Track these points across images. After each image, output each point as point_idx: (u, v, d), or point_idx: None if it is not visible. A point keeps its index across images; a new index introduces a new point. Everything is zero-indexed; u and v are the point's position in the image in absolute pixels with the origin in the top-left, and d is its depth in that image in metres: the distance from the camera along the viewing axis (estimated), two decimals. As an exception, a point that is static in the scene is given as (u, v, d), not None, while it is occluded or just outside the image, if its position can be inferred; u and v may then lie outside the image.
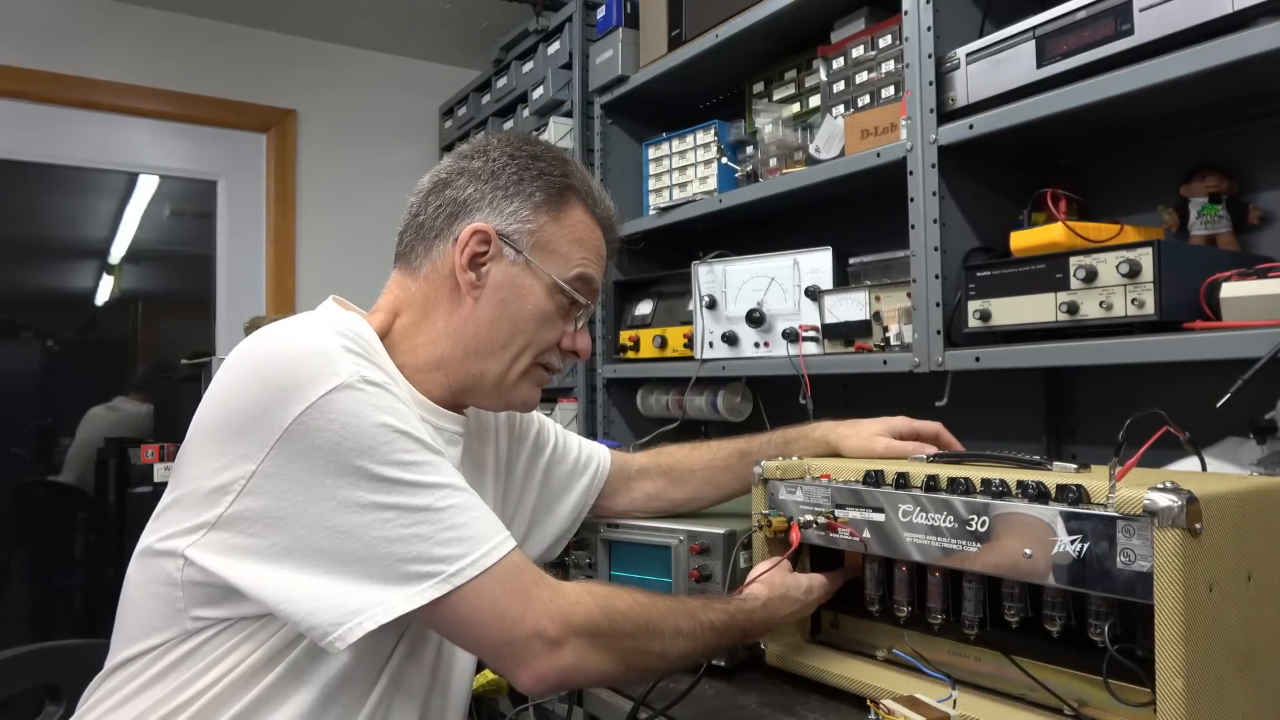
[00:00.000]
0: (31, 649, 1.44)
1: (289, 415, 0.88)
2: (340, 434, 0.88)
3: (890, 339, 1.57)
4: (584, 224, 1.13)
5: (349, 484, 0.88)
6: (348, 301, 1.12)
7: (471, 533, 0.91)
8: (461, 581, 0.88)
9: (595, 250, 1.14)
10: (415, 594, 0.87)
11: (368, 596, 0.86)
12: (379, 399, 0.92)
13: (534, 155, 1.12)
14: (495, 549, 0.91)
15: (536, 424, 1.33)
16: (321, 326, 0.98)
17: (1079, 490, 0.87)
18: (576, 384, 2.42)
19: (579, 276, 1.11)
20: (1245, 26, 1.07)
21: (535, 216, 1.09)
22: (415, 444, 0.92)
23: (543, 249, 1.10)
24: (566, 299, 1.11)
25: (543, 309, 1.09)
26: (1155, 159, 1.49)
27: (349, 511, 0.88)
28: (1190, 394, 1.20)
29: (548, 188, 1.11)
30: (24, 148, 2.98)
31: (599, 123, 2.37)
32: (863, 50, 1.71)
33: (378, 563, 0.87)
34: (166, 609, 0.93)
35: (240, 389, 0.93)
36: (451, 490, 0.93)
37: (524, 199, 1.09)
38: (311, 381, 0.90)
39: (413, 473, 0.91)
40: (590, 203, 1.15)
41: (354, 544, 0.88)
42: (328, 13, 3.20)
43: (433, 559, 0.88)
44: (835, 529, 1.11)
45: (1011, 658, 1.01)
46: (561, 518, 1.31)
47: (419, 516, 0.89)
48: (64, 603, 3.12)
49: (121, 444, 2.72)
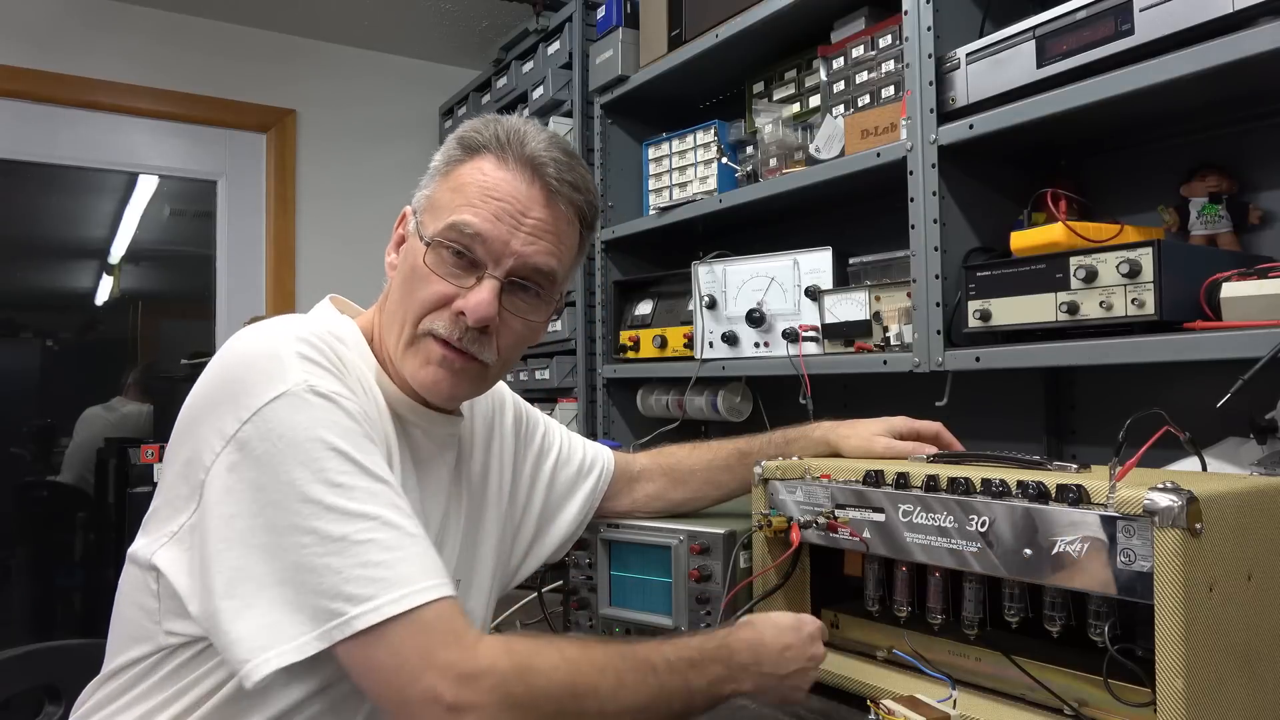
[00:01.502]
0: (31, 649, 1.44)
1: (239, 421, 0.85)
2: (278, 446, 0.84)
3: (890, 339, 1.57)
4: (475, 170, 1.01)
5: (279, 500, 0.83)
6: (348, 301, 1.11)
7: (386, 574, 0.83)
8: (362, 627, 0.81)
9: (480, 192, 1.00)
10: (321, 633, 0.81)
11: (279, 629, 0.81)
12: (322, 412, 0.87)
13: (468, 128, 1.05)
14: (408, 596, 0.82)
15: (542, 427, 1.32)
16: (285, 330, 0.93)
17: (1079, 490, 0.87)
18: (576, 384, 2.42)
19: (449, 225, 0.99)
20: (1245, 26, 1.07)
21: (431, 181, 1.05)
22: (350, 465, 0.86)
23: (430, 210, 1.03)
24: (445, 253, 0.99)
25: (415, 266, 1.00)
26: (1155, 159, 1.49)
27: (272, 531, 0.83)
28: (1190, 394, 1.20)
29: (450, 149, 1.04)
30: (24, 148, 2.98)
31: (599, 123, 2.37)
32: (863, 50, 1.71)
33: (293, 589, 0.82)
34: (145, 620, 0.92)
35: (200, 393, 0.91)
36: (378, 524, 0.85)
37: (432, 172, 1.06)
38: (257, 388, 0.86)
39: (339, 496, 0.84)
40: (500, 149, 1.01)
41: (273, 565, 0.83)
42: (328, 13, 3.20)
43: (339, 595, 0.81)
44: (835, 529, 1.11)
45: (1011, 658, 1.01)
46: (567, 522, 1.30)
47: (335, 546, 0.83)
48: (64, 603, 3.12)
49: (121, 444, 2.72)
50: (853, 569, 1.23)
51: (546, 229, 1.02)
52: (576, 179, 1.04)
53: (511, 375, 2.65)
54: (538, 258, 1.01)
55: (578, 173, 1.05)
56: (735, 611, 1.22)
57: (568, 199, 1.03)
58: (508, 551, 1.22)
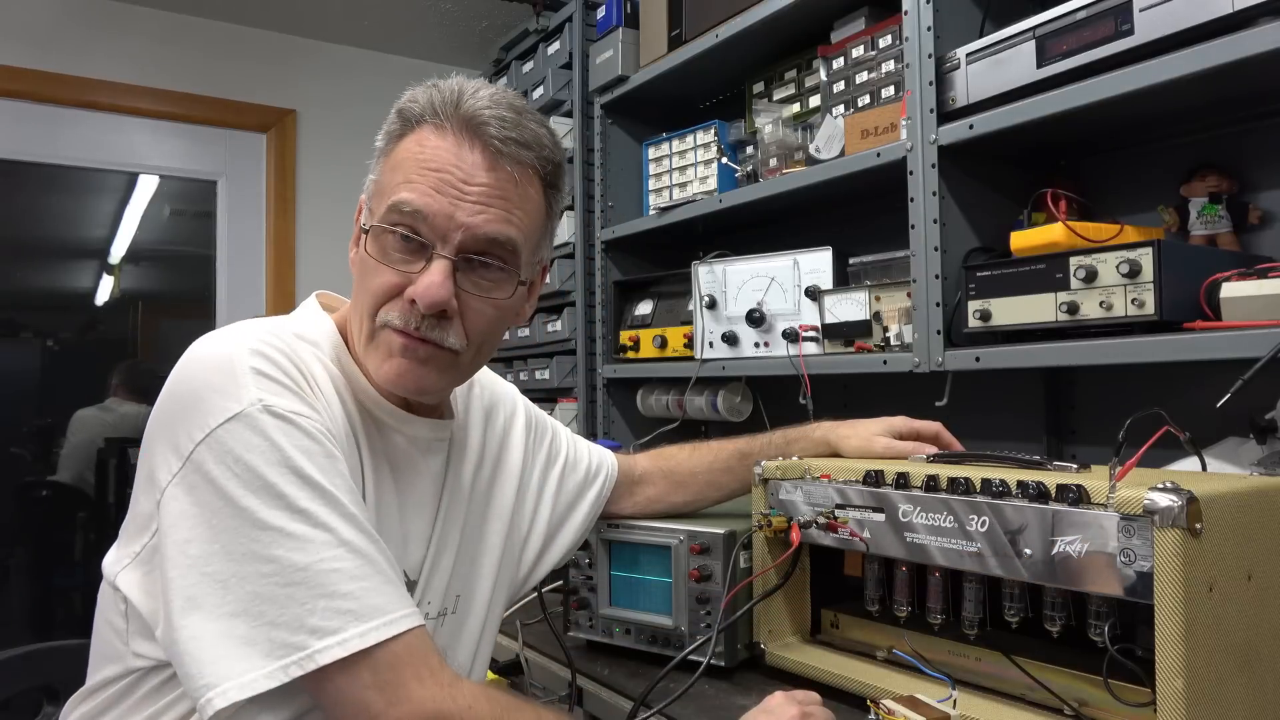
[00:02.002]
0: (31, 649, 1.44)
1: (193, 441, 0.82)
2: (233, 470, 0.81)
3: (890, 339, 1.57)
4: (413, 143, 0.93)
5: (234, 527, 0.80)
6: (337, 296, 1.08)
7: (352, 605, 0.79)
8: (326, 661, 0.78)
9: (417, 165, 0.92)
10: (278, 668, 0.77)
11: (236, 661, 0.77)
12: (278, 433, 0.82)
13: (406, 97, 0.97)
14: (377, 629, 0.80)
15: (550, 433, 1.30)
16: (242, 342, 0.88)
17: (1079, 490, 0.87)
18: (576, 384, 2.42)
19: (389, 207, 0.92)
20: (1245, 26, 1.07)
21: (375, 165, 0.97)
22: (309, 489, 0.82)
23: (376, 195, 0.96)
24: (390, 239, 0.92)
25: (362, 259, 0.94)
26: (1155, 159, 1.49)
27: (229, 559, 0.79)
28: (1190, 394, 1.20)
29: (390, 125, 0.96)
30: (24, 148, 2.98)
31: (599, 123, 2.37)
32: (863, 50, 1.71)
33: (251, 620, 0.78)
34: (115, 639, 0.90)
35: (160, 405, 0.88)
36: (344, 552, 0.81)
37: (377, 153, 0.97)
38: (211, 406, 0.83)
39: (300, 523, 0.80)
40: (435, 115, 0.93)
41: (230, 595, 0.79)
42: (328, 13, 3.20)
43: (303, 628, 0.78)
44: (835, 529, 1.11)
45: (1011, 658, 1.01)
46: (574, 528, 1.29)
47: (297, 576, 0.79)
48: (64, 603, 3.13)
49: (121, 444, 2.72)
50: (853, 569, 1.23)
51: (494, 194, 0.92)
52: (525, 135, 0.93)
53: (511, 375, 2.65)
54: (488, 227, 0.91)
55: (527, 129, 0.94)
56: (735, 611, 1.22)
57: (515, 159, 0.93)
58: (515, 561, 1.19)
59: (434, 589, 1.03)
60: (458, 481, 1.09)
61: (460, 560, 1.08)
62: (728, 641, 1.24)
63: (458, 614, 1.07)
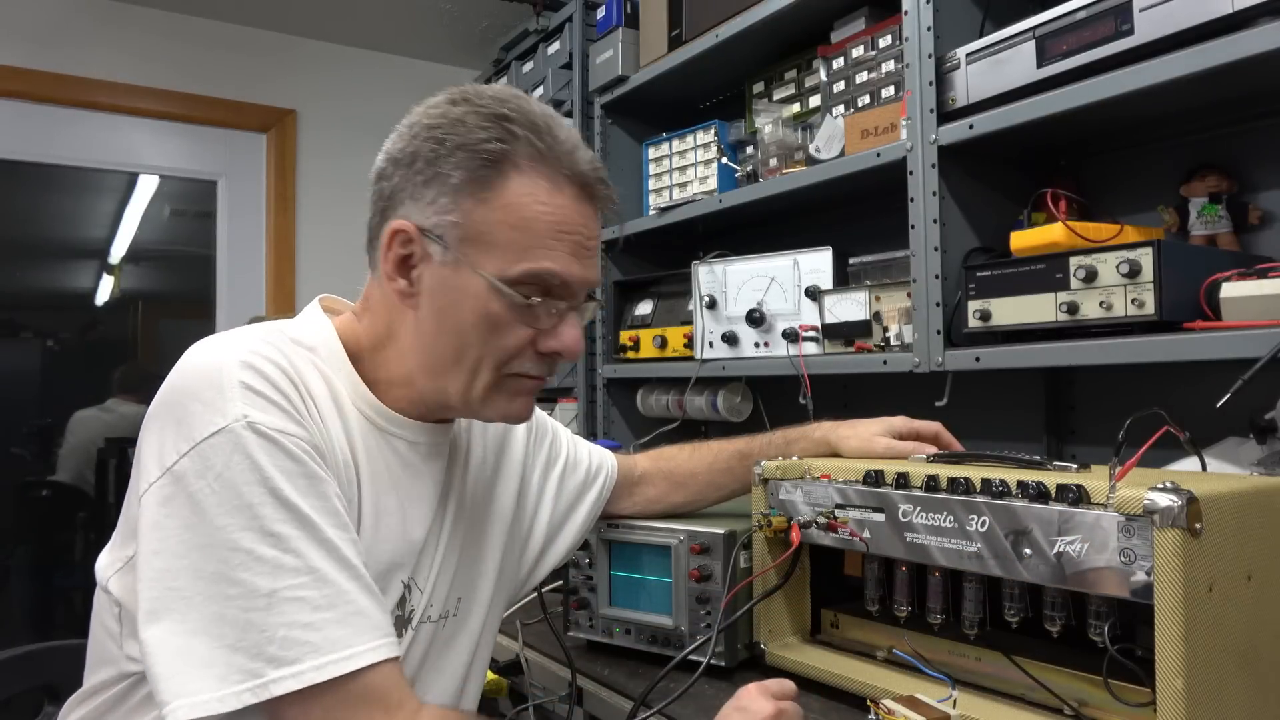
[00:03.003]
0: (31, 649, 1.44)
1: (176, 453, 0.81)
2: (212, 487, 0.79)
3: (890, 339, 1.57)
4: (529, 198, 0.89)
5: (206, 545, 0.79)
6: (340, 300, 1.07)
7: (312, 637, 0.78)
8: (280, 692, 0.76)
9: (551, 229, 0.90)
10: (232, 694, 0.76)
11: (190, 680, 0.76)
12: (260, 453, 0.81)
13: (457, 120, 0.90)
14: (336, 663, 0.78)
15: (550, 434, 1.29)
16: (234, 353, 0.86)
17: (1079, 490, 0.87)
18: (576, 384, 2.42)
19: (529, 273, 0.90)
20: (1245, 26, 1.07)
21: (458, 203, 0.89)
22: (286, 513, 0.80)
23: (474, 242, 0.90)
24: (514, 299, 0.91)
25: (484, 315, 0.91)
26: (1155, 159, 1.50)
27: (196, 576, 0.78)
28: (1190, 394, 1.20)
29: (469, 161, 0.89)
30: (24, 148, 2.98)
31: (599, 123, 2.37)
32: (863, 50, 1.71)
33: (213, 640, 0.77)
34: (109, 641, 0.90)
35: (151, 411, 0.87)
36: (311, 580, 0.79)
37: (442, 182, 0.90)
38: (197, 419, 0.82)
39: (270, 546, 0.79)
40: (542, 164, 0.90)
41: (191, 614, 0.77)
42: (328, 13, 3.20)
43: (260, 655, 0.77)
44: (835, 529, 1.11)
45: (1011, 658, 1.01)
46: (574, 529, 1.28)
47: (260, 601, 0.77)
48: (64, 603, 3.13)
49: (121, 444, 2.73)
50: (853, 569, 1.23)
51: (598, 242, 0.97)
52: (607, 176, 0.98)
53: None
54: (597, 275, 0.97)
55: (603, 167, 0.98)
56: (735, 611, 1.22)
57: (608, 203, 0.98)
58: (515, 562, 1.19)
59: (436, 592, 1.03)
60: (459, 484, 1.09)
61: (462, 563, 1.07)
62: (728, 641, 1.24)
63: (459, 616, 1.07)
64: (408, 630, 0.99)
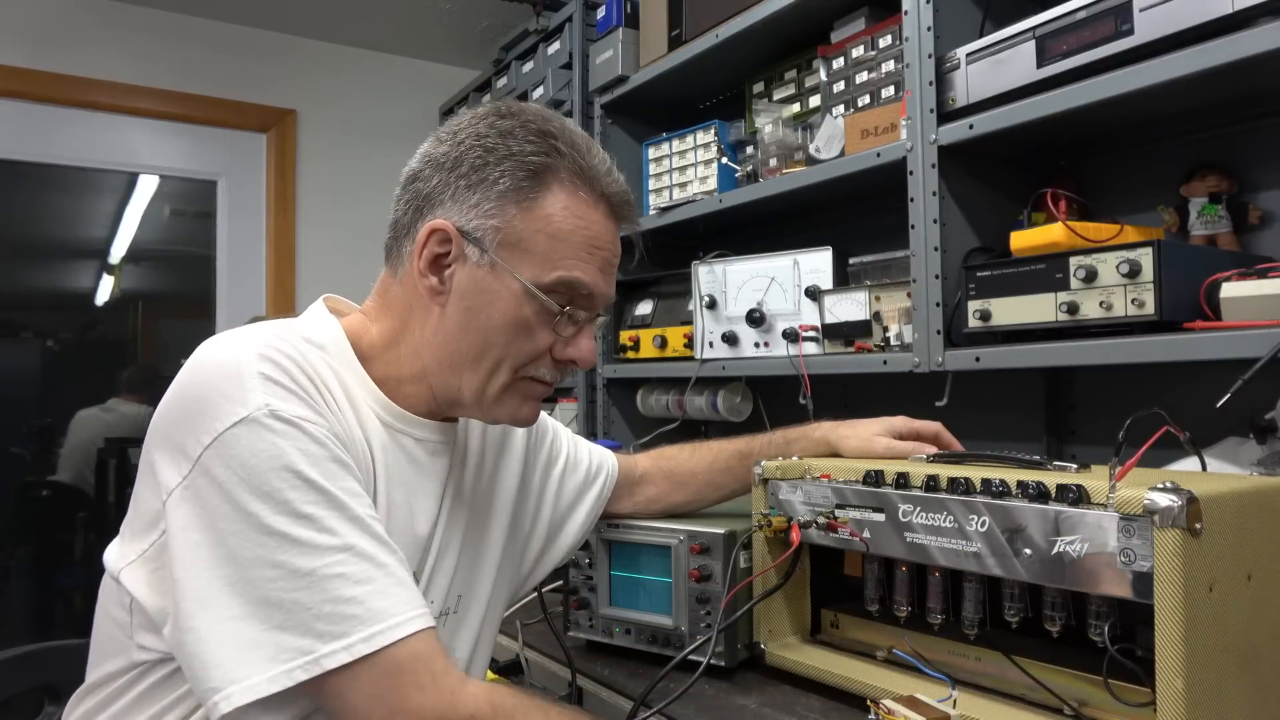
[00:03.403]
0: (31, 649, 1.44)
1: (200, 445, 0.83)
2: (239, 474, 0.81)
3: (890, 339, 1.57)
4: (567, 212, 0.95)
5: (240, 531, 0.81)
6: (345, 300, 1.08)
7: (357, 610, 0.80)
8: (332, 666, 0.78)
9: (585, 243, 0.96)
10: (283, 672, 0.78)
11: (244, 664, 0.78)
12: (285, 438, 0.83)
13: (505, 132, 0.96)
14: (381, 633, 0.80)
15: (550, 433, 1.29)
16: (250, 346, 0.88)
17: (1079, 490, 0.87)
18: (576, 384, 2.42)
19: (561, 281, 0.95)
20: (1245, 26, 1.07)
21: (501, 208, 0.94)
22: (315, 494, 0.82)
23: (512, 247, 0.94)
24: (548, 304, 0.96)
25: (514, 317, 0.95)
26: (1155, 159, 1.50)
27: (235, 563, 0.80)
28: (1190, 394, 1.20)
29: (516, 171, 0.94)
30: (24, 148, 2.98)
31: (599, 123, 2.37)
32: (863, 50, 1.71)
33: (259, 623, 0.79)
34: (118, 632, 0.91)
35: (167, 405, 0.88)
36: (348, 555, 0.82)
37: (487, 188, 0.94)
38: (219, 410, 0.83)
39: (305, 528, 0.81)
40: (581, 182, 0.96)
41: (238, 598, 0.80)
42: (328, 13, 3.20)
43: (309, 632, 0.79)
44: (835, 529, 1.11)
45: (1011, 658, 1.01)
46: (574, 529, 1.29)
47: (303, 581, 0.80)
48: (64, 603, 3.13)
49: (121, 444, 2.72)
50: (853, 569, 1.23)
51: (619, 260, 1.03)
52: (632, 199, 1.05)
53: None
54: (614, 290, 1.03)
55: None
56: (735, 611, 1.22)
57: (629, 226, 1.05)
58: (516, 561, 1.20)
59: (436, 588, 1.04)
60: (461, 482, 1.09)
61: (462, 560, 1.08)
62: (728, 641, 1.24)
63: (459, 613, 1.07)
64: None
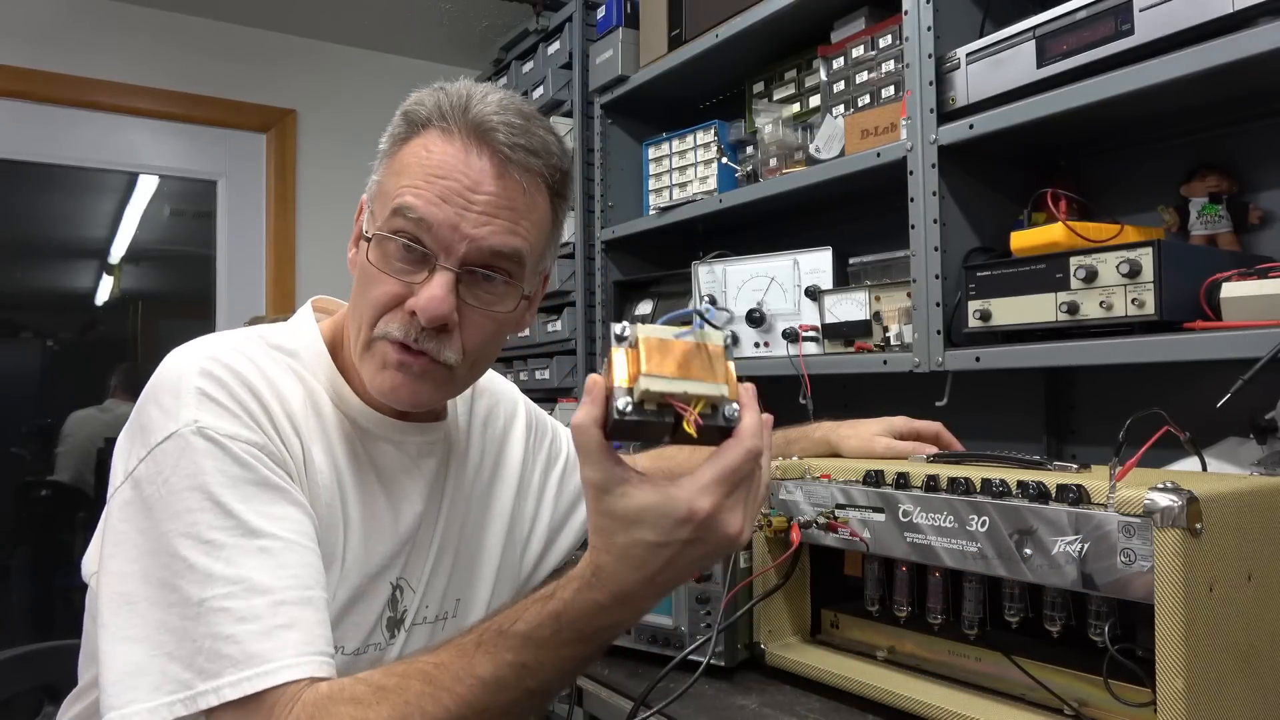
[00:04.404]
0: (31, 649, 1.44)
1: (136, 459, 0.82)
2: (160, 492, 0.79)
3: (890, 339, 1.57)
4: (418, 147, 0.90)
5: (153, 550, 0.78)
6: (335, 300, 1.07)
7: (231, 650, 0.75)
8: (204, 706, 0.74)
9: (423, 172, 0.88)
10: (164, 705, 0.74)
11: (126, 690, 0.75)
12: (205, 458, 0.80)
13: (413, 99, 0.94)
14: (249, 680, 0.74)
15: (550, 433, 1.28)
16: (197, 358, 0.86)
17: (1079, 490, 0.87)
18: (577, 384, 2.42)
19: (393, 210, 0.88)
20: (1245, 26, 1.07)
21: (380, 166, 0.94)
22: (225, 519, 0.78)
23: (378, 199, 0.93)
24: (392, 247, 0.89)
25: (363, 266, 0.91)
26: (1155, 159, 1.50)
27: (145, 582, 0.78)
28: (1190, 394, 1.20)
29: (395, 127, 0.93)
30: (24, 148, 2.98)
31: (599, 123, 2.37)
32: (863, 50, 1.71)
33: (149, 648, 0.76)
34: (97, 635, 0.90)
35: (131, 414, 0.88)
36: (239, 589, 0.76)
37: (380, 155, 0.95)
38: (155, 424, 0.82)
39: (204, 554, 0.77)
40: (439, 119, 0.90)
41: (134, 620, 0.77)
42: (328, 13, 3.20)
43: (190, 666, 0.75)
44: (836, 529, 1.11)
45: (1011, 658, 1.01)
46: (575, 529, 1.27)
47: (192, 610, 0.76)
48: (64, 603, 3.13)
49: (121, 444, 2.72)
50: (853, 569, 1.23)
51: (501, 204, 0.89)
52: (534, 142, 0.90)
53: (511, 375, 2.65)
54: (494, 239, 0.88)
55: (535, 135, 0.91)
56: (735, 611, 1.22)
57: (523, 166, 0.90)
58: (516, 563, 1.18)
59: (432, 592, 1.03)
60: (456, 484, 1.08)
61: (459, 563, 1.07)
62: (728, 641, 1.24)
63: (457, 617, 1.07)
64: (400, 631, 0.99)
